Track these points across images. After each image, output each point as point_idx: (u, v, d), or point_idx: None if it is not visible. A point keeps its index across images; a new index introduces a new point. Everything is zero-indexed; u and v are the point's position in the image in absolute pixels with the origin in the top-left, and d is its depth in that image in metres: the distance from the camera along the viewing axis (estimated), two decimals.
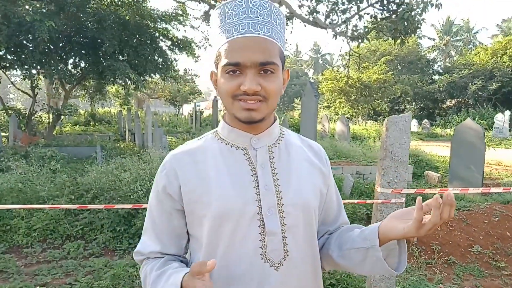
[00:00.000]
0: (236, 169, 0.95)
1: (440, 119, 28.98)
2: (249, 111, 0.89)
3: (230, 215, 0.90)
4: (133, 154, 7.08)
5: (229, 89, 0.90)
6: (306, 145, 1.08)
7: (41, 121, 14.22)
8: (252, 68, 0.88)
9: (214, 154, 0.97)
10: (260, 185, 0.93)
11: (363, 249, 0.95)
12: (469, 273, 3.85)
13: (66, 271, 3.62)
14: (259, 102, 0.89)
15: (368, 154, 8.72)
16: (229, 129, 0.98)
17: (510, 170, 9.74)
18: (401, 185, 2.72)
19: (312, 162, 1.04)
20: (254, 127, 0.96)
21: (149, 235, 1.01)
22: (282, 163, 0.98)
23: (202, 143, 1.00)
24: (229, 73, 0.89)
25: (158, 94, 34.36)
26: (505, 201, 5.55)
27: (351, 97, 25.86)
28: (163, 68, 12.88)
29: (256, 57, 0.87)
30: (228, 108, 0.94)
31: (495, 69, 27.85)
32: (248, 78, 0.87)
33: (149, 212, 1.02)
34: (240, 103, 0.89)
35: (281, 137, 1.03)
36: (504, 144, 16.44)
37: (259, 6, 0.90)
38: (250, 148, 0.96)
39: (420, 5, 7.41)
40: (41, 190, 4.80)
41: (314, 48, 65.87)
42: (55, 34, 9.61)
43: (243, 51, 0.87)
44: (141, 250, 1.02)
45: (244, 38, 0.88)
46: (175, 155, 0.98)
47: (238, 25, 0.89)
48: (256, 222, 0.91)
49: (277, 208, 0.93)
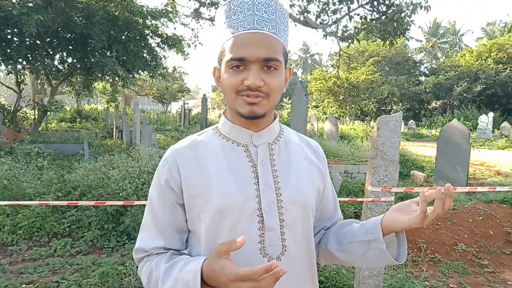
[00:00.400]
0: (237, 165, 0.95)
1: (425, 120, 29.45)
2: (251, 106, 0.90)
3: (230, 211, 0.91)
4: (121, 152, 7.01)
5: (233, 84, 0.90)
6: (305, 142, 1.10)
7: (26, 117, 13.97)
8: (256, 64, 0.88)
9: (215, 150, 0.97)
10: (260, 182, 0.94)
11: (365, 242, 0.99)
12: (454, 270, 3.93)
13: (53, 269, 3.57)
14: (262, 98, 0.90)
15: (356, 154, 8.82)
16: (230, 126, 0.99)
17: (493, 170, 9.95)
18: (391, 183, 2.77)
19: (311, 160, 1.06)
20: (255, 123, 0.97)
21: (150, 230, 0.99)
22: (282, 160, 1.00)
23: (203, 138, 1.00)
24: (233, 68, 0.90)
25: (146, 91, 34.01)
26: (488, 200, 5.68)
27: (339, 97, 26.09)
28: (152, 65, 12.78)
29: (261, 52, 0.88)
30: (230, 104, 0.94)
31: (480, 71, 28.41)
32: (252, 73, 0.88)
33: (150, 207, 1.00)
34: (243, 98, 0.90)
35: (280, 134, 1.04)
36: (488, 145, 16.78)
37: (265, 3, 0.91)
38: (251, 145, 0.98)
39: (409, 7, 7.52)
40: (27, 187, 4.72)
41: (303, 47, 66.15)
42: (42, 29, 9.44)
43: (247, 47, 0.88)
44: (143, 246, 0.99)
45: (249, 34, 0.89)
46: (177, 150, 0.98)
47: (243, 21, 0.90)
48: (255, 218, 0.93)
49: (276, 205, 0.94)
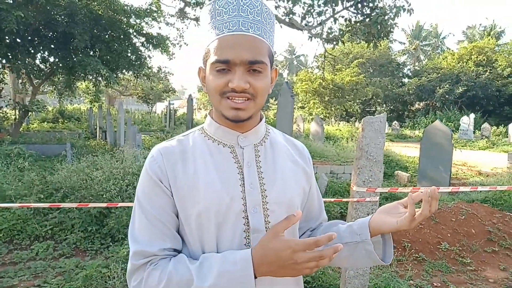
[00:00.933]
0: (224, 167, 0.95)
1: (409, 121, 29.96)
2: (236, 110, 0.89)
3: (216, 212, 0.90)
4: (105, 153, 6.90)
5: (217, 86, 0.89)
6: (291, 144, 1.10)
7: (6, 118, 13.63)
8: (241, 66, 0.87)
9: (202, 151, 0.96)
10: (245, 184, 0.94)
11: (352, 244, 0.99)
12: (438, 269, 4.00)
13: (34, 272, 3.48)
14: (247, 100, 0.90)
15: (341, 154, 8.89)
16: (216, 126, 0.98)
17: (475, 170, 10.18)
18: (376, 184, 2.79)
19: (296, 161, 1.06)
20: (241, 125, 0.96)
21: (148, 232, 0.91)
22: (268, 161, 0.99)
23: (189, 139, 0.99)
24: (218, 71, 0.89)
25: (131, 91, 33.64)
26: (470, 200, 5.81)
27: (324, 98, 26.31)
28: (136, 64, 12.64)
29: (246, 55, 0.87)
30: (215, 106, 0.94)
31: (461, 74, 29.09)
32: (236, 76, 0.87)
33: (142, 209, 0.93)
34: (228, 101, 0.89)
35: (266, 135, 1.04)
36: (469, 146, 17.16)
37: (250, 4, 0.90)
38: (237, 146, 0.97)
39: (393, 9, 7.64)
40: (7, 188, 4.61)
41: (289, 49, 66.44)
42: (23, 27, 9.23)
43: (232, 49, 0.87)
44: (146, 249, 0.89)
45: (234, 36, 0.88)
46: (163, 150, 0.96)
47: (229, 23, 0.88)
48: (241, 219, 0.92)
49: (261, 206, 0.94)
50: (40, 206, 3.69)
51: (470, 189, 3.17)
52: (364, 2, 7.97)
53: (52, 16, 10.59)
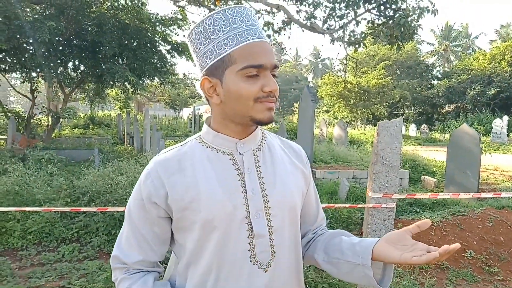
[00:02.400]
0: (224, 174, 0.96)
1: (438, 124, 29.05)
2: (270, 111, 0.93)
3: (220, 220, 0.91)
4: (131, 158, 7.10)
5: (252, 91, 0.90)
6: (287, 146, 1.11)
7: (40, 124, 14.24)
8: (269, 70, 0.92)
9: (201, 160, 0.97)
10: (247, 190, 0.94)
11: (353, 264, 0.97)
12: (462, 278, 3.86)
13: (60, 274, 3.63)
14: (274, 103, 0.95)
15: (365, 159, 8.74)
16: (214, 134, 0.99)
17: (507, 175, 9.76)
18: (392, 189, 2.74)
19: (294, 164, 1.07)
20: (243, 131, 0.98)
21: (129, 242, 0.99)
22: (267, 166, 1.00)
23: (187, 148, 1.00)
24: (249, 76, 0.90)
25: (158, 97, 34.43)
26: (500, 206, 5.57)
27: (350, 102, 25.94)
28: (162, 71, 12.94)
29: (273, 59, 0.92)
30: (243, 112, 0.93)
31: (494, 75, 27.96)
32: (271, 80, 0.91)
33: (130, 220, 0.99)
34: (262, 104, 0.92)
35: (263, 140, 1.05)
36: (502, 149, 16.46)
37: (252, 14, 0.96)
38: (236, 153, 0.98)
39: (416, 11, 7.48)
40: (37, 193, 4.81)
41: (313, 52, 66.09)
42: (55, 37, 9.66)
43: (263, 54, 0.91)
44: (121, 257, 0.99)
45: (260, 42, 0.92)
46: (160, 162, 0.97)
47: (249, 30, 0.91)
48: (244, 225, 0.93)
49: (264, 211, 0.95)
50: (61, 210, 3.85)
51: (493, 195, 3.06)
52: (386, 4, 7.84)
53: (82, 26, 11.03)
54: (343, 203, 5.61)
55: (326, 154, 9.19)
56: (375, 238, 0.95)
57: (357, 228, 4.81)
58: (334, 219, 4.87)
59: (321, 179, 7.18)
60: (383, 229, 2.79)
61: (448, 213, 5.07)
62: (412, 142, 20.06)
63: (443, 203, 5.88)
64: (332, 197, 6.00)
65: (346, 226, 4.85)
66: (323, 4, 8.67)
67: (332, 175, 7.29)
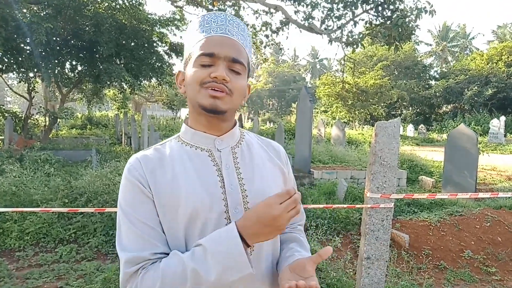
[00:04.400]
0: (203, 170, 0.97)
1: (436, 124, 29.14)
2: (214, 99, 0.92)
3: (199, 213, 0.92)
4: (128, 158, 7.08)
5: (199, 76, 0.93)
6: (267, 144, 1.14)
7: (37, 124, 14.18)
8: (224, 61, 0.93)
9: (181, 157, 0.98)
10: (226, 185, 0.96)
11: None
12: (460, 278, 3.87)
13: (57, 274, 3.61)
14: (225, 93, 0.93)
15: (363, 159, 8.76)
16: (193, 132, 1.01)
17: (505, 175, 9.79)
18: (390, 190, 2.75)
19: (273, 161, 1.09)
20: (217, 127, 1.00)
21: (137, 239, 0.90)
22: (245, 162, 1.02)
23: (166, 147, 1.02)
24: (202, 65, 0.94)
25: (156, 98, 34.38)
26: (497, 206, 5.59)
27: (347, 102, 25.98)
28: (159, 72, 12.92)
29: (230, 52, 0.94)
30: (192, 97, 0.96)
31: (491, 75, 28.08)
32: (219, 67, 0.92)
33: (127, 218, 0.92)
34: (207, 90, 0.93)
35: (242, 138, 1.07)
36: (499, 150, 16.52)
37: (235, 21, 1.00)
38: (214, 150, 1.00)
39: (414, 11, 7.49)
40: (34, 193, 4.79)
41: (312, 52, 66.17)
42: (52, 37, 9.63)
43: (218, 45, 0.94)
44: (136, 255, 0.88)
45: (221, 36, 0.95)
46: (141, 158, 0.97)
47: (216, 28, 0.96)
48: (223, 220, 0.94)
49: (243, 206, 0.96)
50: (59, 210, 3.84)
51: (491, 195, 3.07)
52: (384, 4, 7.85)
53: (80, 26, 11.00)
54: (341, 204, 5.61)
55: (324, 154, 9.20)
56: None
57: (355, 229, 4.81)
58: (332, 219, 4.87)
59: (319, 180, 7.18)
60: (381, 229, 2.79)
61: (446, 213, 5.08)
62: (410, 142, 20.11)
63: (440, 203, 5.90)
64: (330, 198, 6.00)
65: (344, 227, 4.85)
66: (321, 5, 8.69)
67: (330, 175, 7.30)
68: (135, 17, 11.40)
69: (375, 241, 2.83)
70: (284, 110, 48.62)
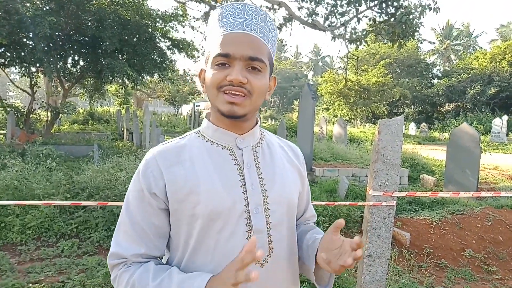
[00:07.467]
0: (224, 168, 0.95)
1: (438, 123, 29.07)
2: (231, 105, 0.89)
3: (219, 213, 0.90)
4: (130, 154, 7.09)
5: (216, 79, 0.90)
6: (286, 145, 1.12)
7: (39, 119, 14.21)
8: (241, 61, 0.89)
9: (201, 153, 0.96)
10: (247, 184, 0.94)
11: (302, 263, 1.04)
12: (461, 276, 3.87)
13: (59, 269, 3.62)
14: (243, 97, 0.90)
15: (364, 157, 8.74)
16: (214, 129, 0.98)
17: (506, 175, 9.77)
18: (393, 188, 2.74)
19: (292, 162, 1.08)
20: (238, 126, 0.97)
21: (128, 235, 0.94)
22: (266, 162, 1.00)
23: (186, 142, 0.99)
24: (218, 65, 0.90)
25: (158, 94, 34.39)
26: (499, 205, 5.58)
27: (350, 100, 25.93)
28: (162, 67, 12.90)
29: (246, 50, 0.89)
30: (212, 101, 0.94)
31: (494, 74, 27.97)
32: (235, 69, 0.88)
33: (128, 211, 0.96)
34: (224, 96, 0.90)
35: (262, 137, 1.06)
36: (501, 149, 16.48)
37: (255, 11, 0.94)
38: (235, 148, 0.98)
39: (418, 8, 7.46)
40: (36, 188, 4.80)
41: (314, 50, 66.02)
42: (55, 32, 9.62)
43: (234, 44, 0.89)
44: (120, 252, 0.94)
45: (236, 33, 0.91)
46: (160, 153, 0.95)
47: (233, 23, 0.92)
48: (243, 220, 0.92)
49: (263, 207, 0.95)
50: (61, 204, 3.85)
51: (493, 194, 3.06)
52: (388, 1, 7.81)
53: (82, 21, 11.00)
54: (342, 201, 5.61)
55: (325, 152, 9.19)
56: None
57: (356, 226, 4.81)
58: (334, 216, 4.87)
59: (320, 177, 7.17)
60: (383, 227, 2.79)
61: (447, 212, 5.07)
62: (412, 140, 20.07)
63: (442, 202, 5.89)
64: (331, 195, 6.00)
65: (345, 224, 4.83)
66: (324, 1, 8.65)
67: (331, 173, 7.29)
68: (138, 12, 11.38)
69: (377, 239, 2.83)
70: (286, 107, 48.60)
